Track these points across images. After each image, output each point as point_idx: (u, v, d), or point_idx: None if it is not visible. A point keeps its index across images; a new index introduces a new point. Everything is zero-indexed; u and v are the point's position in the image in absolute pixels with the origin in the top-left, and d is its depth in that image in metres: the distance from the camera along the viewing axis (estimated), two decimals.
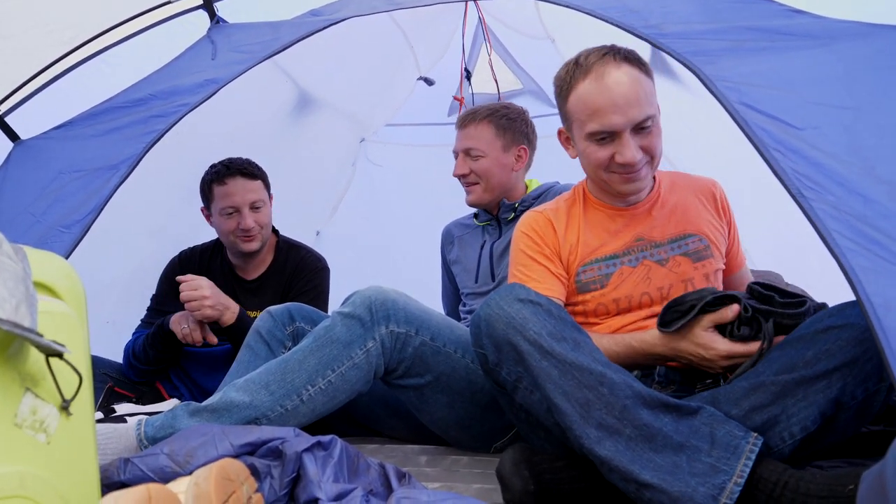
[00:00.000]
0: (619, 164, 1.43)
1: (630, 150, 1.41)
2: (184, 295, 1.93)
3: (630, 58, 1.43)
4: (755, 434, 1.15)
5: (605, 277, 1.53)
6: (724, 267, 1.60)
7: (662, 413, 1.16)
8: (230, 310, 1.98)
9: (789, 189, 1.06)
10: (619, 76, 1.40)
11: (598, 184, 1.56)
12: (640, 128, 1.41)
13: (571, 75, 1.45)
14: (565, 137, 1.57)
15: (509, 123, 2.07)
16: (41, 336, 0.84)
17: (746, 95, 1.18)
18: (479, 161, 2.05)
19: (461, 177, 2.10)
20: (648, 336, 1.39)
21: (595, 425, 1.15)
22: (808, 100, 1.17)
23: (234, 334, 1.98)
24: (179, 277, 1.98)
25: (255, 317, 1.83)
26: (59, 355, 0.87)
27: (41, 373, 0.89)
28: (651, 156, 1.46)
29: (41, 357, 0.88)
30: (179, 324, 1.98)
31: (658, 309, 1.43)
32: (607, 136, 1.42)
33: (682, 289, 1.50)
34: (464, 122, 2.10)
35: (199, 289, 1.93)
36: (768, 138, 1.11)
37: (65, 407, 0.90)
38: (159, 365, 2.11)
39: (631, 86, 1.40)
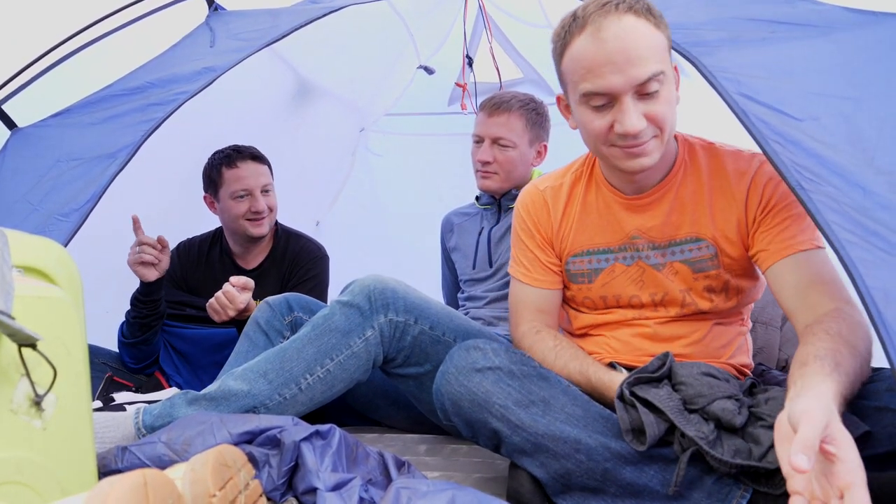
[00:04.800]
0: (619, 135, 1.21)
1: (630, 116, 1.18)
2: (225, 290, 1.87)
3: (636, 7, 1.20)
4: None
5: (593, 272, 1.43)
6: (747, 276, 1.38)
7: (646, 465, 1.12)
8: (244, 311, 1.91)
9: (788, 181, 1.05)
10: (619, 30, 1.17)
11: (602, 159, 1.38)
12: (644, 92, 1.19)
13: (567, 30, 1.24)
14: (564, 105, 1.37)
15: (538, 119, 2.04)
16: (13, 319, 0.82)
17: (745, 86, 1.17)
18: (507, 151, 2.00)
19: (483, 163, 2.02)
20: (607, 380, 1.28)
21: (578, 489, 1.14)
22: (808, 90, 1.16)
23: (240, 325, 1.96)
24: (234, 279, 1.88)
25: (256, 305, 1.81)
26: (32, 345, 0.86)
27: (37, 359, 0.89)
28: (659, 127, 1.22)
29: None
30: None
31: (649, 314, 1.39)
32: (605, 101, 1.21)
33: (679, 300, 1.37)
34: (496, 109, 2.01)
35: (234, 298, 1.85)
36: (767, 130, 1.10)
37: (37, 402, 0.89)
38: (143, 327, 2.07)
39: (633, 40, 1.17)
